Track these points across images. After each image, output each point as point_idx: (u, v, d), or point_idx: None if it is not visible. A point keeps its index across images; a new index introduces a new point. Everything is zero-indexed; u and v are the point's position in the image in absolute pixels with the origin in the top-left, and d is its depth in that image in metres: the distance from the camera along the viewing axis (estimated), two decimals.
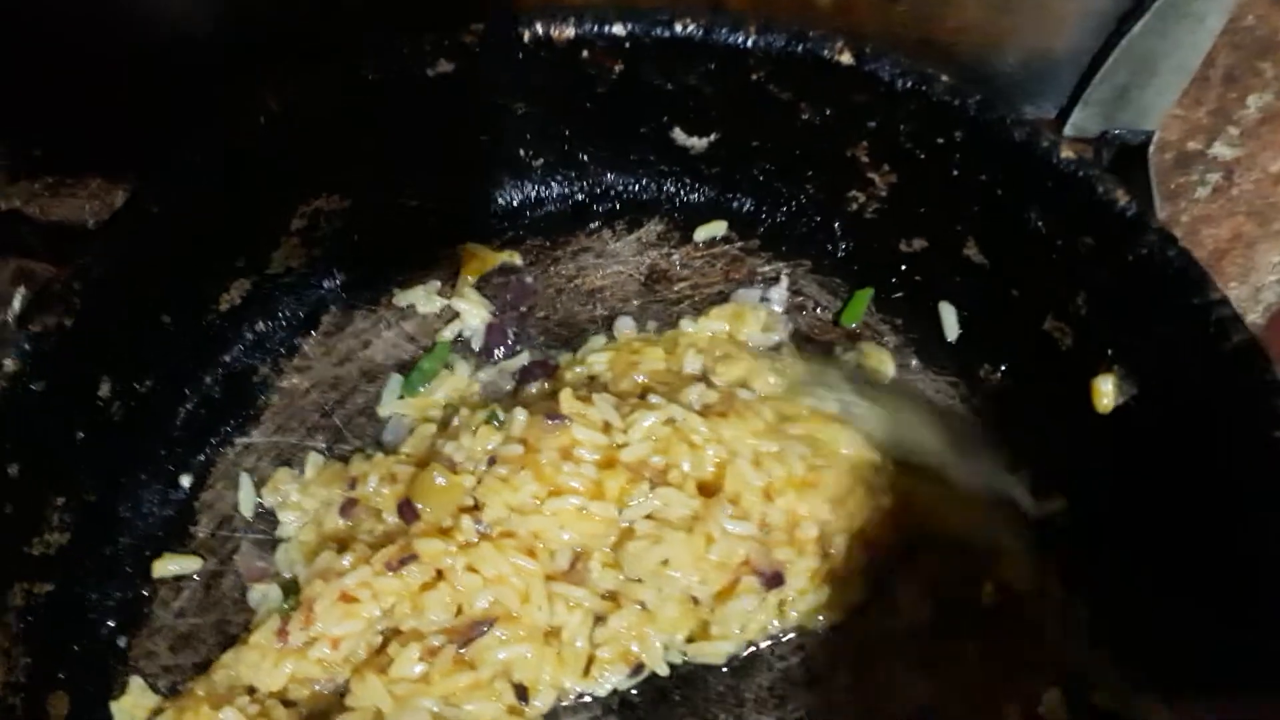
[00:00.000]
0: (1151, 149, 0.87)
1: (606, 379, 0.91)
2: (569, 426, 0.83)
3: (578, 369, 0.93)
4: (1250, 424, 0.72)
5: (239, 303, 0.93)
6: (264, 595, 0.85)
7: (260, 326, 0.95)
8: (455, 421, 0.89)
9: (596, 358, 0.93)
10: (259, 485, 0.90)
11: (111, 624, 0.85)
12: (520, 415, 0.85)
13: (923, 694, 0.81)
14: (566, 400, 0.85)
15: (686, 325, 0.95)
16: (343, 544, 0.84)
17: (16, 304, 0.87)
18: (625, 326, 0.97)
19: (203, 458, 0.91)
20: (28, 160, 0.98)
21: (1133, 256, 0.78)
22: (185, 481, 0.90)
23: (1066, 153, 0.80)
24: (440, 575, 0.80)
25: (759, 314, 0.95)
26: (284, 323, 0.96)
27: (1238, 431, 0.73)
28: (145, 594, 0.86)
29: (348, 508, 0.86)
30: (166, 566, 0.87)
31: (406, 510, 0.82)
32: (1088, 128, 0.91)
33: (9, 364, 0.74)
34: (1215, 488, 0.77)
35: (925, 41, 0.75)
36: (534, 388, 0.93)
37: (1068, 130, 0.91)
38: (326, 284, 0.98)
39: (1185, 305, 0.76)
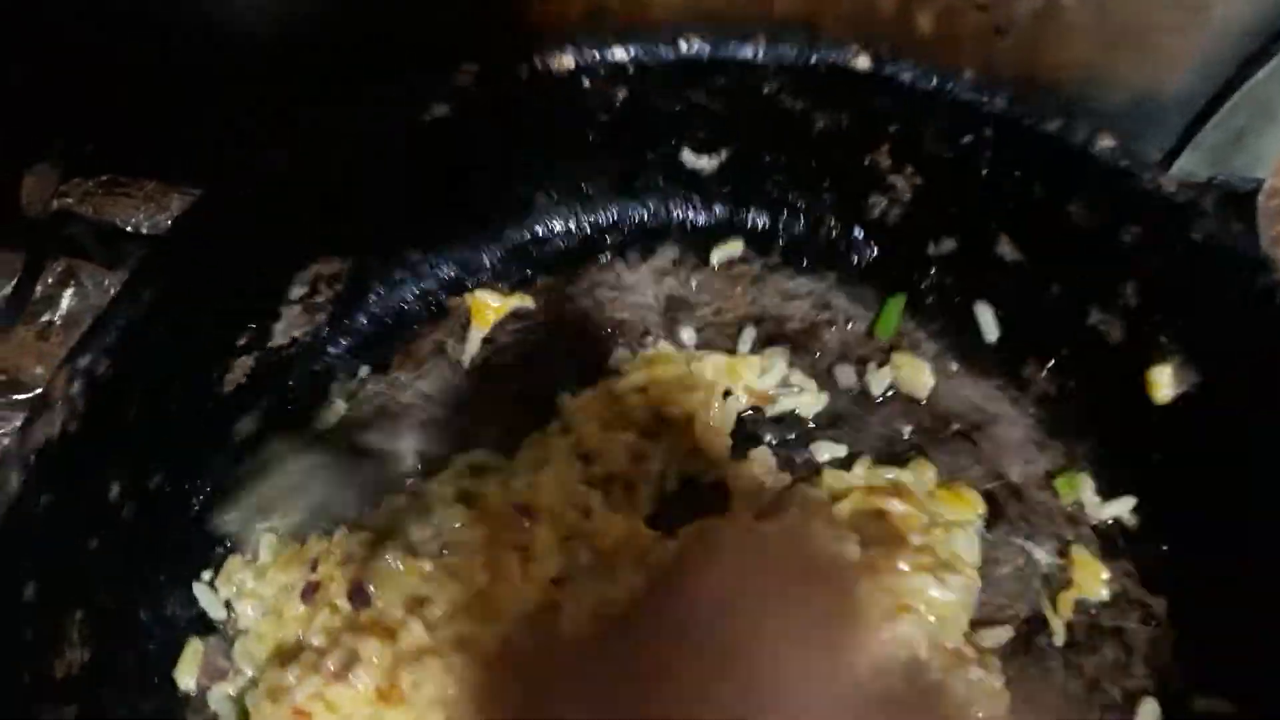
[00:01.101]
0: (1261, 197, 0.84)
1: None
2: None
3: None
4: None
5: (244, 381, 0.87)
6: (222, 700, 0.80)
7: (267, 401, 0.90)
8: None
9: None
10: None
11: None
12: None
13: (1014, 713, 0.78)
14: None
15: None
16: (292, 653, 0.79)
17: (64, 305, 0.85)
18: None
19: (222, 549, 0.86)
20: (81, 158, 0.96)
21: (1185, 243, 0.75)
22: (207, 575, 0.85)
23: (1105, 141, 0.77)
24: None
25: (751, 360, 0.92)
26: (291, 394, 0.91)
27: None
28: (176, 703, 0.81)
29: (308, 592, 0.80)
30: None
31: (358, 596, 0.78)
32: (1196, 172, 0.88)
33: (13, 481, 0.69)
34: None
35: (1029, 78, 0.72)
36: None
37: (1173, 173, 0.88)
38: (332, 350, 0.92)
39: (1248, 288, 0.73)
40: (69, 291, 0.90)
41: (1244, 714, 0.75)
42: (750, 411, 0.91)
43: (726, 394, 0.90)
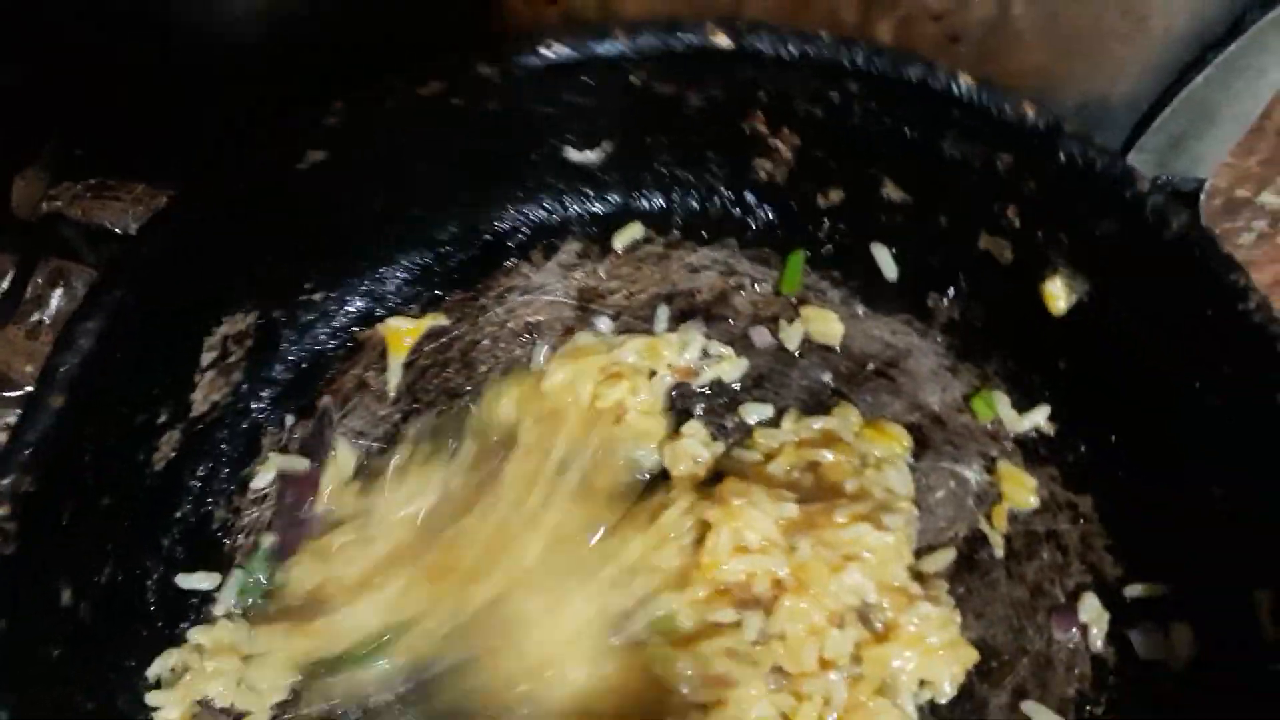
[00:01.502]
0: (1203, 196, 0.88)
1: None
2: None
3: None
4: (1210, 302, 0.73)
5: (173, 455, 0.87)
6: None
7: (202, 471, 0.90)
8: None
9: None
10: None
11: None
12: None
13: (970, 636, 0.83)
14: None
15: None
16: None
17: (54, 304, 0.89)
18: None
19: (187, 623, 0.86)
20: (71, 161, 0.99)
21: (1054, 164, 0.78)
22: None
23: (966, 80, 0.79)
24: None
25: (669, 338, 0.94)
26: (227, 459, 0.90)
27: (1199, 309, 0.75)
28: None
29: None
30: None
31: None
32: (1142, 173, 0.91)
33: None
34: (1183, 364, 0.78)
35: (985, 83, 0.75)
36: None
37: None
38: (255, 406, 0.92)
39: (1118, 200, 0.76)
40: (58, 292, 0.93)
41: (1176, 593, 0.81)
42: (677, 388, 0.93)
43: (651, 375, 0.92)
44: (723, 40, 0.80)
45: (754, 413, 0.91)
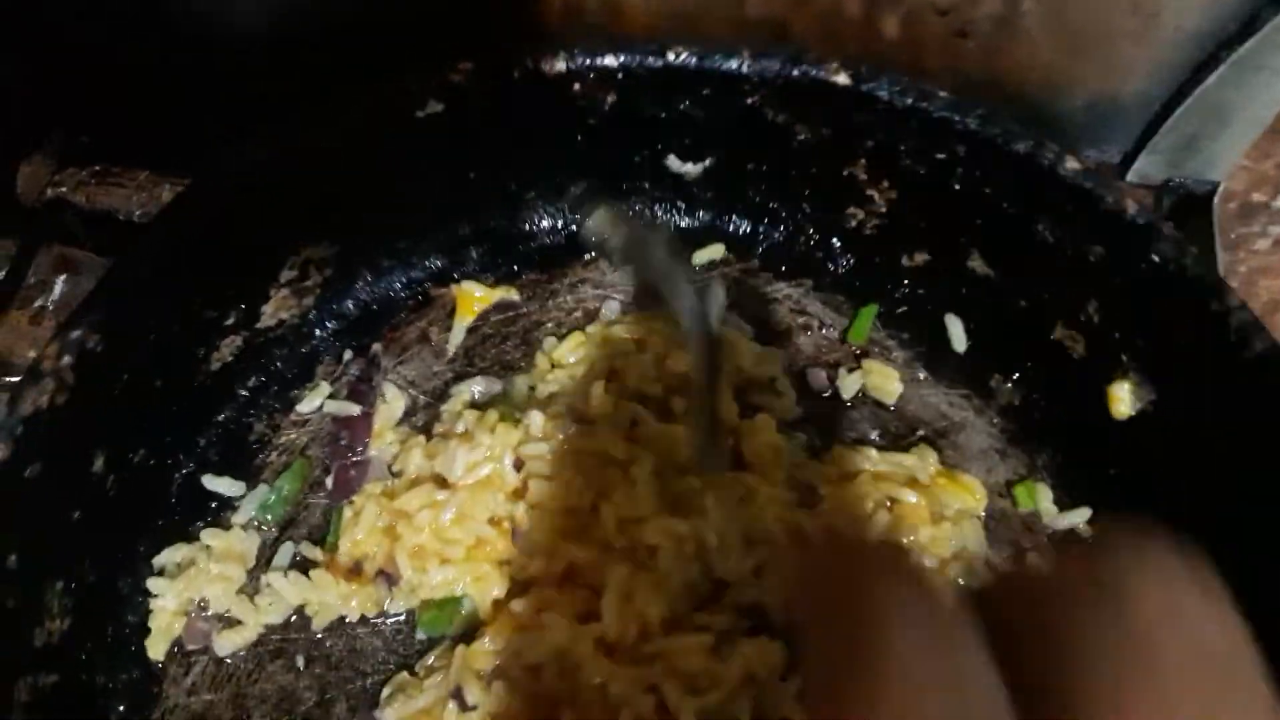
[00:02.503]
0: (1216, 199, 0.87)
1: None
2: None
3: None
4: (1276, 425, 0.72)
5: (230, 360, 0.89)
6: None
7: (253, 381, 0.92)
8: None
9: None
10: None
11: (121, 708, 0.81)
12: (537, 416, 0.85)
13: None
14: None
15: None
16: None
17: (57, 291, 0.89)
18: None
19: (203, 524, 0.88)
20: (76, 147, 0.99)
21: (1146, 264, 0.78)
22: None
23: (1072, 163, 0.79)
24: None
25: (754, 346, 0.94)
26: (278, 376, 0.93)
27: (1262, 432, 0.73)
28: (154, 673, 0.82)
29: None
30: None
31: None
32: (1152, 174, 0.91)
33: (1, 452, 0.70)
34: (1240, 492, 0.77)
35: (992, 81, 0.75)
36: None
37: (1131, 176, 0.91)
38: (319, 334, 0.94)
39: (1202, 311, 0.75)
40: (62, 278, 0.93)
41: None
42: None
43: None
44: (842, 78, 0.82)
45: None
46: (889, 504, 0.85)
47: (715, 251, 0.99)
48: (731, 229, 0.99)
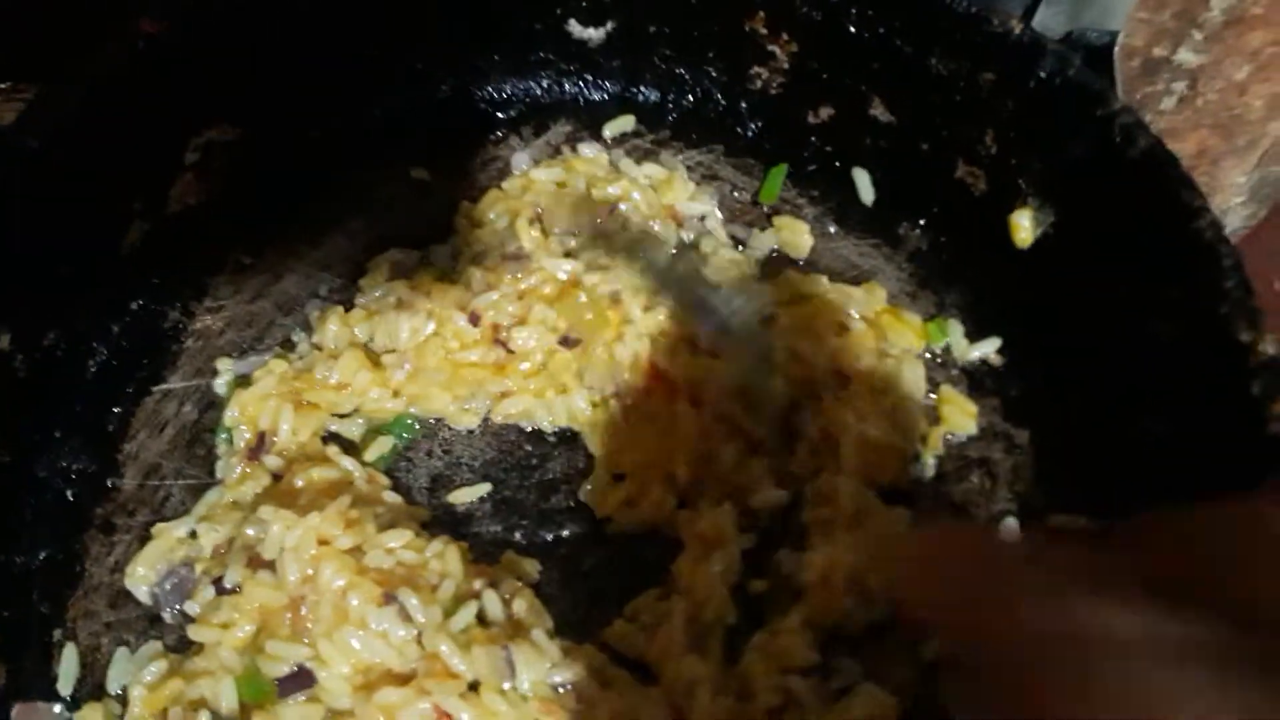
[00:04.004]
0: (1117, 51, 0.87)
1: None
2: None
3: None
4: (1166, 221, 0.73)
5: (139, 245, 0.88)
6: None
7: (165, 269, 0.91)
8: None
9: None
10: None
11: (42, 587, 0.80)
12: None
13: None
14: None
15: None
16: None
17: None
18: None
19: (119, 409, 0.87)
20: None
21: (1034, 80, 0.79)
22: (104, 435, 0.86)
23: None
24: None
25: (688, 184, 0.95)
26: (190, 262, 0.92)
27: (1155, 231, 0.75)
28: (76, 551, 0.82)
29: None
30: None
31: None
32: (1052, 27, 0.92)
33: None
34: (1135, 293, 0.78)
35: None
36: None
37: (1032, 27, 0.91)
38: (229, 218, 0.93)
39: (1089, 119, 0.77)
40: None
41: (1094, 525, 0.80)
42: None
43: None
44: None
45: None
46: (838, 330, 0.86)
47: (626, 123, 1.00)
48: (641, 99, 1.00)
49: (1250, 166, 1.05)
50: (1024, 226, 0.85)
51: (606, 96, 1.00)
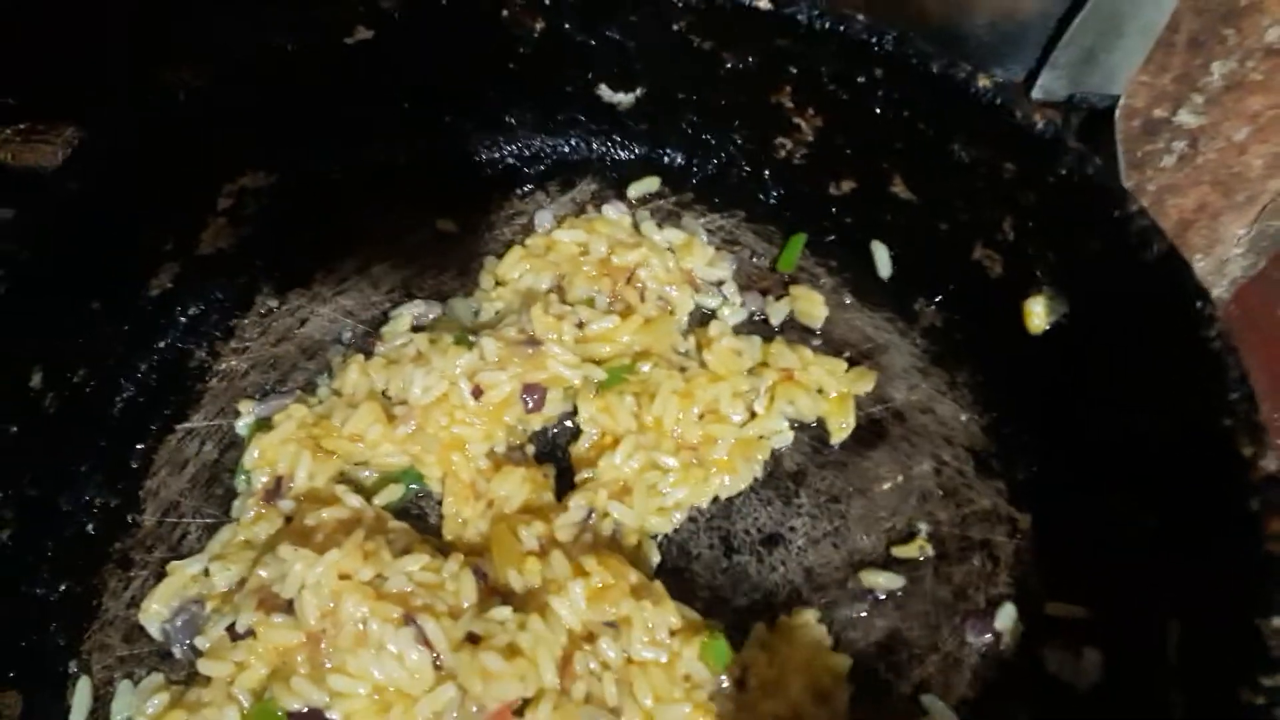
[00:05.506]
0: (1118, 114, 0.89)
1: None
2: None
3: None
4: (1175, 326, 0.74)
5: (170, 286, 0.91)
6: None
7: (193, 310, 0.94)
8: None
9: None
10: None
11: (60, 619, 0.82)
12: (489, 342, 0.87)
13: (885, 624, 0.83)
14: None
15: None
16: None
17: None
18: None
19: (143, 446, 0.89)
20: (1, 108, 0.98)
21: (1054, 176, 0.80)
22: (127, 471, 0.88)
23: (984, 81, 0.81)
24: None
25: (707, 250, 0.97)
26: (217, 304, 0.95)
27: (1164, 335, 0.76)
28: (94, 585, 0.84)
29: None
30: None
31: None
32: (1055, 90, 0.92)
33: None
34: (1145, 397, 0.79)
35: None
36: None
37: (1035, 93, 0.93)
38: (258, 262, 0.96)
39: (1106, 219, 0.78)
40: None
41: (1095, 618, 0.81)
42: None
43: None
44: (762, 3, 0.84)
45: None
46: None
47: (650, 184, 1.01)
48: (666, 161, 1.02)
49: (1250, 220, 1.06)
50: (1038, 313, 0.86)
51: (633, 156, 1.02)
